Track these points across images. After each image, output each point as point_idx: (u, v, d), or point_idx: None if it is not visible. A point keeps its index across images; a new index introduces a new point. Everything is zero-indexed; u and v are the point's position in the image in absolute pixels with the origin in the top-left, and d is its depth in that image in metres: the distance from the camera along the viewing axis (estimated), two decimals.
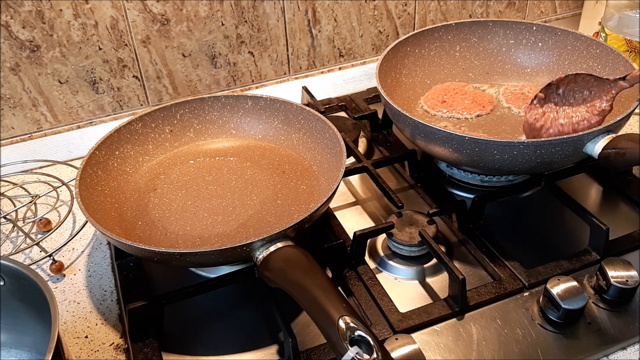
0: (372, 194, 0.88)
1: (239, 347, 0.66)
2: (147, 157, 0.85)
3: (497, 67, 1.00)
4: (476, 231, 0.78)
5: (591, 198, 0.86)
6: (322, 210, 0.69)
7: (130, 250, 0.66)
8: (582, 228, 0.77)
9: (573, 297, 0.65)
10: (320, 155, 0.82)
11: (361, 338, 0.50)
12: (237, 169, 0.84)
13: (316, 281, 0.56)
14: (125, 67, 0.97)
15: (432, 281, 0.73)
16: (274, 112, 0.88)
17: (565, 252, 0.75)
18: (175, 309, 0.68)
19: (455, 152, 0.75)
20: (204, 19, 0.98)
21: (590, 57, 0.92)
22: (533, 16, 1.26)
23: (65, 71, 0.94)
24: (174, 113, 0.88)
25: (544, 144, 0.71)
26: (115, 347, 0.67)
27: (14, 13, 0.86)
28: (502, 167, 0.75)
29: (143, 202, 0.79)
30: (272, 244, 0.62)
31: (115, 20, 0.93)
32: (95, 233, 0.83)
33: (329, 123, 0.81)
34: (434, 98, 0.94)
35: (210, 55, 1.02)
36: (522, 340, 0.65)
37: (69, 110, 0.97)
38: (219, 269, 0.72)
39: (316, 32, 1.08)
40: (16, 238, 0.82)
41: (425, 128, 0.76)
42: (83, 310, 0.72)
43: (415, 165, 0.89)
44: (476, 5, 1.18)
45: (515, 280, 0.71)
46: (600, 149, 0.71)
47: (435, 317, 0.67)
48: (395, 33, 1.14)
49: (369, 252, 0.77)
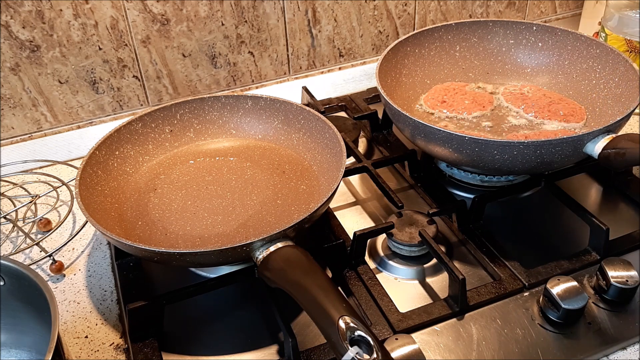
0: (372, 194, 0.88)
1: (239, 347, 0.66)
2: (147, 157, 0.85)
3: (497, 67, 1.00)
4: (476, 231, 0.78)
5: (591, 198, 0.86)
6: (322, 210, 0.69)
7: (130, 250, 0.66)
8: (582, 228, 0.77)
9: (573, 297, 0.65)
10: (320, 155, 0.82)
11: (361, 338, 0.50)
12: (237, 169, 0.84)
13: (316, 281, 0.56)
14: (125, 67, 0.97)
15: (432, 281, 0.73)
16: (274, 112, 0.88)
17: (565, 252, 0.75)
18: (175, 309, 0.68)
19: (455, 152, 0.75)
20: (204, 19, 0.98)
21: (590, 57, 0.92)
22: (533, 16, 1.26)
23: (65, 71, 0.94)
24: (174, 113, 0.87)
25: (544, 144, 0.71)
26: (115, 347, 0.67)
27: (14, 13, 0.86)
28: (502, 167, 0.75)
29: (143, 202, 0.79)
30: (272, 244, 0.62)
31: (115, 20, 0.93)
32: (95, 233, 0.83)
33: (329, 123, 0.81)
34: (434, 98, 0.94)
35: (210, 55, 1.02)
36: (522, 340, 0.65)
37: (69, 110, 0.97)
38: (219, 269, 0.72)
39: (316, 32, 1.08)
40: (16, 238, 0.82)
41: (425, 128, 0.76)
42: (83, 310, 0.72)
43: (415, 165, 0.89)
44: (476, 5, 1.18)
45: (515, 280, 0.71)
46: (600, 149, 0.71)
47: (435, 317, 0.67)
48: (395, 33, 1.14)
49: (369, 252, 0.77)
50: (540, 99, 0.92)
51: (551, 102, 0.91)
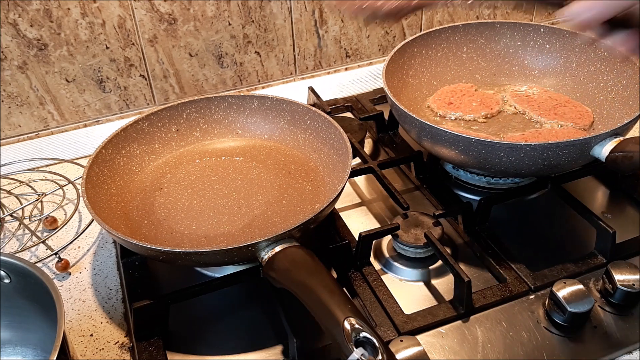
0: (377, 195, 0.88)
1: (244, 347, 0.66)
2: (154, 156, 0.86)
3: (504, 69, 1.00)
4: (482, 233, 0.78)
5: (598, 201, 0.85)
6: (328, 210, 0.69)
7: (136, 249, 0.66)
8: (589, 231, 0.77)
9: (579, 301, 0.64)
10: (326, 156, 0.82)
11: (366, 339, 0.50)
12: (243, 168, 0.84)
13: (321, 282, 0.56)
14: (132, 66, 0.97)
15: (438, 283, 0.73)
16: (280, 112, 0.88)
17: (571, 255, 0.75)
18: (180, 308, 0.68)
19: (462, 154, 0.75)
20: (210, 19, 0.98)
21: (597, 60, 0.92)
22: (540, 18, 1.25)
23: (72, 70, 0.94)
24: (181, 112, 0.88)
25: (551, 147, 0.70)
26: (120, 346, 0.67)
27: (22, 12, 0.87)
28: (508, 169, 0.74)
29: (149, 201, 0.79)
30: (277, 244, 0.62)
31: (123, 20, 0.93)
32: (101, 231, 0.84)
33: (335, 124, 0.81)
34: (441, 99, 0.93)
35: (217, 55, 1.02)
36: (528, 343, 0.65)
37: (76, 108, 0.98)
38: (224, 269, 0.72)
39: (323, 32, 1.08)
40: (22, 236, 0.82)
41: (431, 129, 0.76)
42: (88, 309, 0.72)
43: (421, 166, 0.88)
44: (483, 7, 1.18)
45: (521, 283, 0.70)
46: (607, 152, 0.71)
47: (440, 319, 0.67)
48: (402, 34, 1.14)
49: (374, 253, 0.77)
50: (547, 101, 0.92)
51: (558, 105, 0.91)
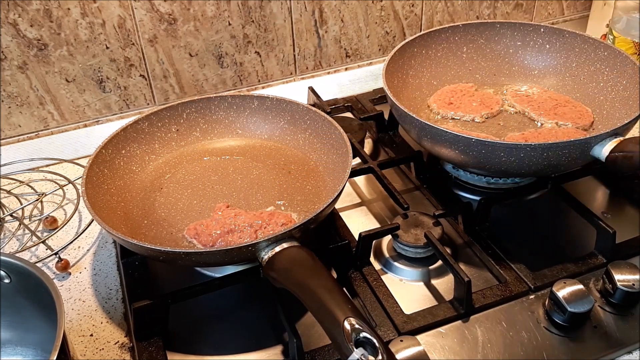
0: (377, 195, 0.88)
1: (244, 347, 0.66)
2: (154, 156, 0.86)
3: (504, 69, 1.00)
4: (482, 233, 0.78)
5: (598, 201, 0.85)
6: (328, 210, 0.69)
7: (136, 249, 0.66)
8: (589, 231, 0.77)
9: (579, 301, 0.64)
10: (326, 156, 0.82)
11: (366, 339, 0.50)
12: (243, 168, 0.84)
13: (321, 282, 0.56)
14: (132, 66, 0.97)
15: (438, 283, 0.73)
16: (280, 112, 0.88)
17: (571, 255, 0.75)
18: (181, 308, 0.68)
19: (462, 154, 0.75)
20: (211, 19, 0.98)
21: (597, 60, 0.91)
22: (540, 18, 1.25)
23: (72, 70, 0.94)
24: (181, 112, 0.88)
25: (551, 147, 0.70)
26: (120, 346, 0.67)
27: (22, 11, 0.87)
28: (508, 169, 0.74)
29: (149, 201, 0.79)
30: (277, 244, 0.62)
31: (123, 20, 0.93)
32: (101, 231, 0.84)
33: (335, 124, 0.81)
34: (441, 99, 0.93)
35: (217, 55, 1.02)
36: (528, 343, 0.65)
37: (76, 108, 0.98)
38: (225, 269, 0.72)
39: (323, 32, 1.08)
40: (22, 236, 0.82)
41: (431, 129, 0.76)
42: (88, 309, 0.72)
43: (421, 166, 0.88)
44: (483, 7, 1.18)
45: (521, 283, 0.70)
46: (607, 152, 0.71)
47: (440, 319, 0.67)
48: (402, 34, 1.14)
49: (374, 253, 0.77)
50: (547, 101, 0.92)
51: (558, 105, 0.91)
